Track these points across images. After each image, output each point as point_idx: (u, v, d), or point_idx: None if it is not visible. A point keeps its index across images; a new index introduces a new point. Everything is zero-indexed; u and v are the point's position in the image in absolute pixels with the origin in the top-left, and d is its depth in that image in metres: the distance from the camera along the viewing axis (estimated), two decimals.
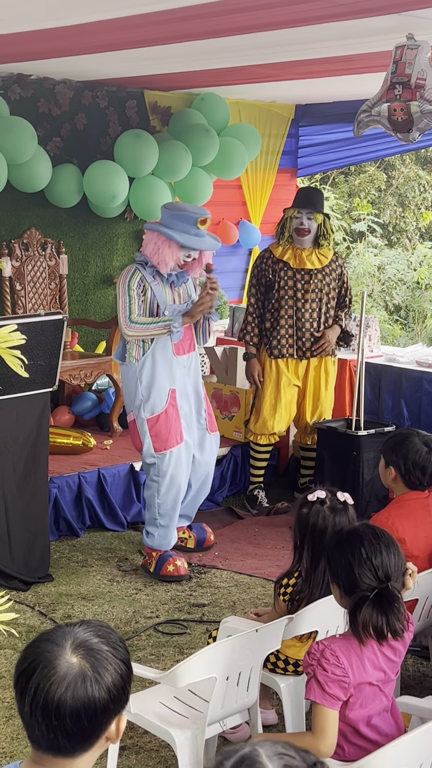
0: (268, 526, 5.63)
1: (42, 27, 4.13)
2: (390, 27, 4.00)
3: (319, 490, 3.16)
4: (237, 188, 7.32)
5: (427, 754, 2.27)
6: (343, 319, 5.78)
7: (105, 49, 4.81)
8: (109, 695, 1.63)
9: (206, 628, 4.25)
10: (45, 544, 4.78)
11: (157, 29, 4.20)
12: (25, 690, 1.62)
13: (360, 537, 2.52)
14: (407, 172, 12.32)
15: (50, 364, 4.51)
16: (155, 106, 6.61)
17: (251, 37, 4.38)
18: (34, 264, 6.08)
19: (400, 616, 2.45)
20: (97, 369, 5.92)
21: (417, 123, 4.05)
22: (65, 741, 1.61)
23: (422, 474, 3.61)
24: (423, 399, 5.89)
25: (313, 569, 3.11)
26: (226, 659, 2.77)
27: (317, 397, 5.80)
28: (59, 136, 6.15)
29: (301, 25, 4.10)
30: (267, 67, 5.43)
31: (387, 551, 2.48)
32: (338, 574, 2.52)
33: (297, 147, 7.76)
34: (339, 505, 3.12)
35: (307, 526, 3.11)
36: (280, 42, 4.56)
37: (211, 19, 4.00)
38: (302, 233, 5.61)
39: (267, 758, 1.31)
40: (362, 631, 2.43)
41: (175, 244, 4.63)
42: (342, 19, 3.93)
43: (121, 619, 4.34)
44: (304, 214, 5.60)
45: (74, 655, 1.63)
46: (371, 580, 2.45)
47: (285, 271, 5.65)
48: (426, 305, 11.41)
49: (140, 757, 3.26)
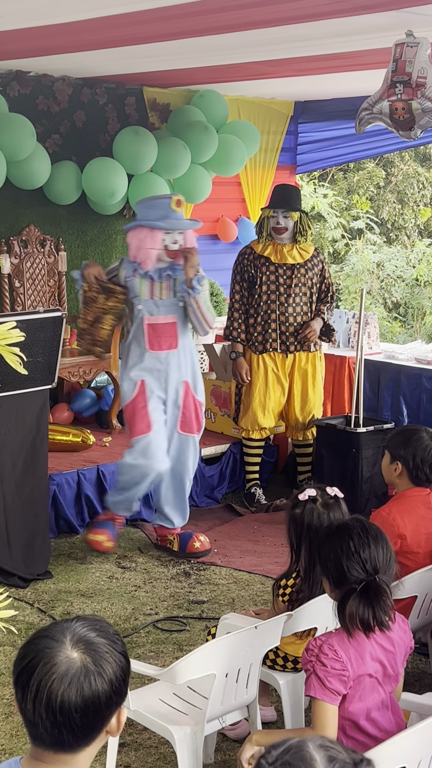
0: (267, 523, 5.63)
1: (41, 24, 4.13)
2: (389, 24, 3.99)
3: (309, 489, 3.16)
4: (236, 185, 7.32)
5: (427, 751, 2.27)
6: (325, 313, 5.80)
7: (104, 45, 4.81)
8: (111, 688, 1.63)
9: (205, 624, 4.25)
10: (44, 541, 4.78)
11: (156, 26, 4.20)
12: (26, 688, 1.61)
13: (349, 530, 2.55)
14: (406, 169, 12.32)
15: (49, 361, 4.51)
16: (154, 103, 6.61)
17: (250, 34, 4.38)
18: (33, 261, 6.08)
19: (387, 609, 2.46)
20: (96, 366, 5.92)
21: (418, 120, 4.05)
22: (69, 736, 1.61)
23: (430, 470, 3.62)
24: (422, 396, 5.90)
25: (311, 568, 3.12)
26: (225, 656, 2.77)
27: (305, 394, 5.81)
28: (58, 133, 6.15)
29: (300, 22, 4.10)
30: (266, 64, 5.43)
31: (375, 544, 2.50)
32: (328, 568, 2.55)
33: (296, 144, 7.76)
34: (331, 501, 3.13)
35: (302, 526, 3.11)
36: (279, 39, 4.55)
37: (210, 15, 4.00)
38: (279, 231, 5.68)
39: (314, 749, 1.35)
40: (349, 623, 2.45)
41: (158, 231, 4.71)
42: (341, 16, 3.92)
43: (121, 616, 4.34)
44: (279, 213, 5.66)
45: (74, 650, 1.63)
46: (359, 573, 2.47)
47: (267, 266, 5.68)
48: (425, 302, 11.41)
49: (140, 754, 3.27)
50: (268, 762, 1.35)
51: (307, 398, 5.82)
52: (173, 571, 4.91)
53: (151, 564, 5.00)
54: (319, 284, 5.81)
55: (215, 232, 7.33)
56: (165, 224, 4.71)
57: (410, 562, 3.46)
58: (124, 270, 4.86)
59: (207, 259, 7.22)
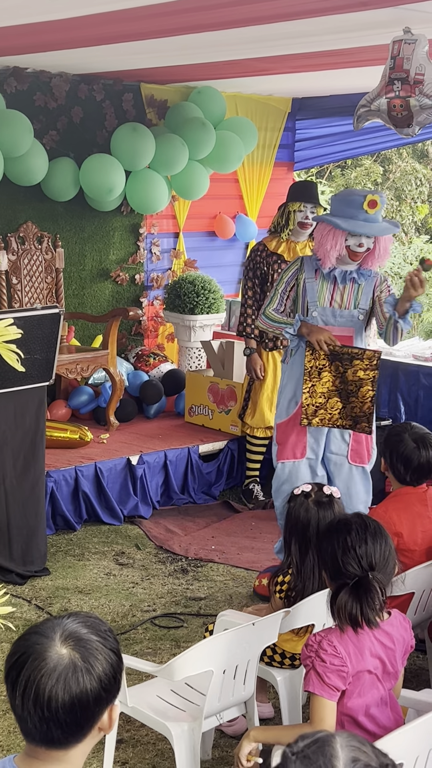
0: (264, 520, 5.64)
1: (38, 20, 4.12)
2: (386, 20, 3.99)
3: (305, 484, 3.19)
4: (234, 182, 7.32)
5: (424, 747, 2.28)
6: None
7: (101, 42, 4.80)
8: (100, 685, 1.63)
9: (203, 621, 4.25)
10: (42, 538, 4.78)
11: (153, 22, 4.19)
12: (16, 683, 1.62)
13: (348, 526, 2.55)
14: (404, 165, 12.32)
15: (47, 358, 4.51)
16: (152, 100, 6.60)
17: (248, 30, 4.37)
18: (30, 258, 6.07)
19: (376, 606, 2.46)
20: (94, 363, 5.91)
21: (416, 117, 4.05)
22: (58, 732, 1.61)
23: (405, 468, 3.59)
24: (419, 393, 5.90)
25: (302, 562, 3.13)
26: (222, 653, 2.78)
27: None
28: (55, 129, 6.14)
29: (298, 18, 4.09)
30: (264, 60, 5.42)
31: (373, 541, 2.50)
32: (326, 561, 2.57)
33: (294, 140, 7.75)
34: (325, 499, 3.14)
35: (292, 519, 3.13)
36: (276, 35, 4.55)
37: (207, 12, 4.00)
38: (305, 227, 5.60)
39: (340, 746, 1.34)
40: (338, 616, 2.46)
41: (340, 232, 4.16)
42: (338, 13, 3.92)
43: (118, 613, 4.34)
44: (308, 207, 5.59)
45: (64, 647, 1.63)
46: (355, 568, 2.47)
47: (279, 264, 5.65)
48: (422, 299, 11.41)
49: (137, 750, 3.27)
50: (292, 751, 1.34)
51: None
52: (171, 567, 4.92)
53: (148, 561, 5.00)
54: None
55: (212, 228, 7.33)
56: (346, 225, 4.13)
57: (407, 559, 3.46)
58: (304, 271, 4.30)
59: (204, 255, 7.26)
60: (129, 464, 5.54)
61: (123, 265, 6.77)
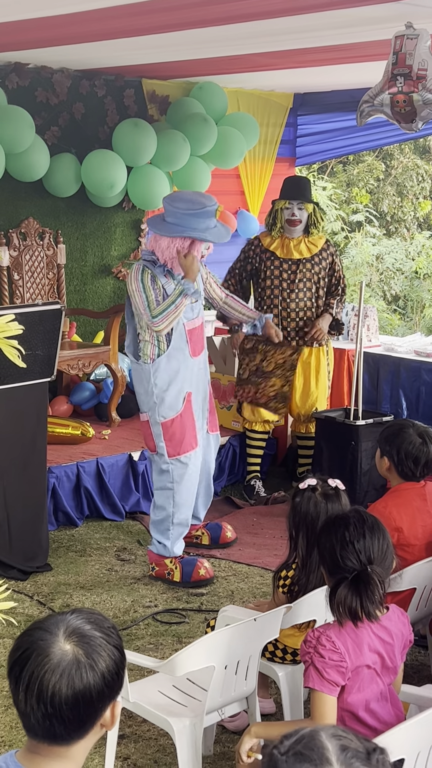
0: (266, 516, 5.64)
1: (39, 15, 4.12)
2: (388, 15, 3.98)
3: (310, 478, 3.18)
4: (235, 177, 7.31)
5: (425, 742, 2.28)
6: (333, 308, 5.75)
7: (103, 37, 4.79)
8: (103, 681, 1.64)
9: (205, 617, 4.26)
10: (43, 534, 4.78)
11: (155, 17, 4.18)
12: (19, 679, 1.63)
13: (346, 521, 2.56)
14: (406, 161, 12.30)
15: (48, 354, 4.51)
16: (153, 95, 6.59)
17: (250, 25, 4.37)
18: (31, 254, 6.07)
19: (376, 600, 2.47)
20: (96, 359, 5.91)
21: (420, 112, 4.04)
22: (61, 728, 1.62)
23: (414, 465, 3.60)
24: (421, 389, 5.90)
25: (308, 556, 3.13)
26: (224, 648, 2.78)
27: (307, 387, 5.80)
28: (57, 125, 6.14)
29: (300, 14, 4.09)
30: (265, 55, 5.42)
31: (371, 536, 2.51)
32: (324, 557, 2.57)
33: (295, 136, 7.75)
34: (331, 492, 3.14)
35: (300, 514, 3.12)
36: (278, 30, 4.54)
37: (209, 7, 3.99)
38: (294, 224, 5.61)
39: (326, 738, 1.34)
40: (337, 611, 2.47)
41: (198, 243, 4.45)
42: (340, 8, 3.92)
43: (120, 609, 4.35)
44: (294, 204, 5.59)
45: (67, 643, 1.64)
46: (353, 563, 2.48)
47: (272, 261, 5.65)
48: (424, 295, 11.41)
49: (139, 746, 3.27)
50: (280, 752, 1.34)
51: (309, 391, 5.81)
52: None
53: None
54: (328, 278, 5.74)
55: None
56: (214, 238, 4.47)
57: (407, 554, 3.46)
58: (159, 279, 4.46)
59: None
60: (131, 460, 5.55)
61: (124, 261, 6.77)
